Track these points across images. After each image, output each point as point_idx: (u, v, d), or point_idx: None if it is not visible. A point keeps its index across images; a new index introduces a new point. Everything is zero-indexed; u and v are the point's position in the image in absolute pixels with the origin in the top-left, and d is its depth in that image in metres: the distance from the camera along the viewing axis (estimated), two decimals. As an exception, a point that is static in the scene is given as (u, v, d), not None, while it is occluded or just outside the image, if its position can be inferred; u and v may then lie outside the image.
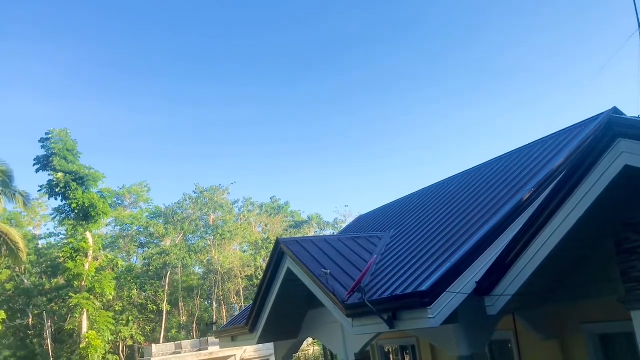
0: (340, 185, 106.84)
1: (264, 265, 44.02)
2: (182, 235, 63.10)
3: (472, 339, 7.59)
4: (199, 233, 65.62)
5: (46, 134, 41.06)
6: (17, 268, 48.76)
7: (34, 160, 40.87)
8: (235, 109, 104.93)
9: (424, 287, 7.24)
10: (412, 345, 12.69)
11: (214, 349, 39.64)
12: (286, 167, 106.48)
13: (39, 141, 41.03)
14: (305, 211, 79.77)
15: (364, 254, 10.71)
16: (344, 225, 41.15)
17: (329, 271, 9.08)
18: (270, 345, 15.65)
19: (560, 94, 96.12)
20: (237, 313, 21.39)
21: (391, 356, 14.23)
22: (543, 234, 6.77)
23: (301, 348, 29.57)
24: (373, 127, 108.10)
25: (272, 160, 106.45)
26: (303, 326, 12.61)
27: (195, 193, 66.88)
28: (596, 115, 10.81)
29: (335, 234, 36.14)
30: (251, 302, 13.67)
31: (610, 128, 5.94)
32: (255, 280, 57.17)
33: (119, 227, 64.42)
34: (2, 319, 29.43)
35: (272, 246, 13.02)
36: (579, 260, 7.59)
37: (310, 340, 36.45)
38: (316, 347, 41.36)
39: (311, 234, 66.72)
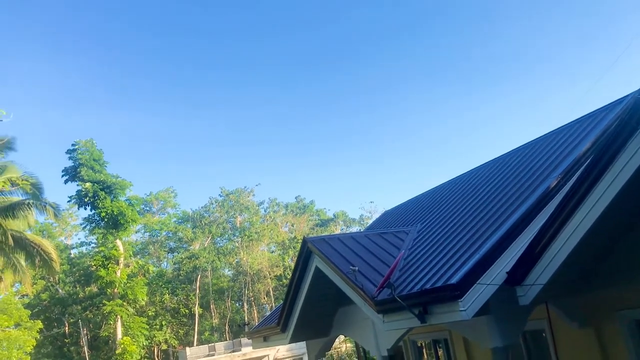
0: (365, 181, 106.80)
1: (292, 265, 44.20)
2: (210, 238, 63.64)
3: (505, 330, 7.51)
4: (227, 235, 66.15)
5: (72, 145, 41.83)
6: (52, 278, 49.78)
7: (62, 171, 41.67)
8: (256, 111, 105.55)
9: (453, 280, 7.17)
10: (445, 339, 12.60)
11: (247, 350, 39.96)
12: (309, 167, 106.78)
13: (66, 152, 41.82)
14: (330, 209, 79.81)
15: (391, 249, 10.67)
16: (370, 222, 41.09)
17: (357, 268, 9.07)
18: (303, 344, 15.71)
19: (582, 83, 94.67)
20: (268, 313, 21.51)
21: (424, 351, 14.15)
22: (572, 220, 6.66)
23: (333, 346, 29.67)
24: (396, 123, 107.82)
25: (295, 160, 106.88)
26: (334, 324, 12.61)
27: (221, 196, 67.43)
28: (622, 98, 10.57)
29: (362, 230, 36.04)
30: (281, 302, 13.72)
31: (638, 109, 5.81)
32: (284, 280, 57.42)
33: (148, 234, 65.29)
34: (39, 329, 30.06)
35: (299, 245, 13.04)
36: (612, 245, 7.45)
37: (342, 337, 36.46)
38: (348, 345, 41.38)
39: (337, 231, 66.71)
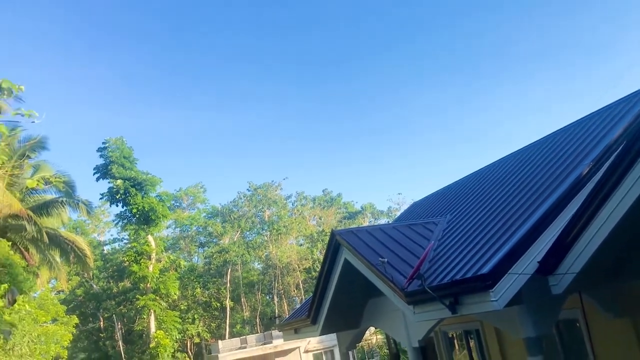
0: (393, 173, 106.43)
1: (321, 258, 44.29)
2: (239, 232, 64.20)
3: (537, 319, 7.43)
4: (256, 229, 66.63)
5: (103, 143, 42.55)
6: (86, 274, 50.80)
7: (94, 169, 42.41)
8: (284, 107, 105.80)
9: (484, 270, 7.13)
10: (477, 330, 12.52)
11: (278, 342, 40.28)
12: (336, 160, 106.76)
13: (97, 150, 42.54)
14: (358, 202, 79.71)
15: (420, 240, 10.64)
16: (398, 213, 40.90)
17: (386, 259, 9.06)
18: (333, 336, 15.79)
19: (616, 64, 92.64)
20: (298, 306, 21.63)
21: (455, 341, 14.09)
22: (605, 208, 6.54)
23: (364, 337, 29.72)
24: (424, 116, 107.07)
25: (322, 153, 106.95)
26: (364, 315, 12.63)
27: (249, 190, 67.93)
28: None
29: (390, 222, 35.94)
30: (311, 294, 13.79)
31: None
32: (313, 273, 57.66)
33: (178, 229, 66.17)
34: (75, 324, 30.66)
35: (327, 238, 13.09)
36: (646, 233, 7.31)
37: (372, 329, 36.49)
38: (379, 336, 41.37)
39: (365, 223, 66.64)
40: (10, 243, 15.67)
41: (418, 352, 10.52)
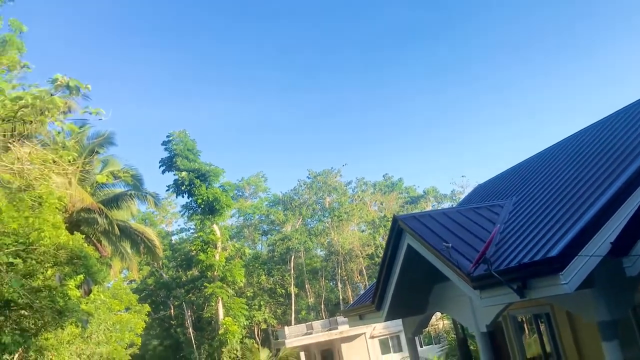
0: (456, 156, 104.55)
1: (384, 244, 44.09)
2: (301, 220, 64.78)
3: (612, 302, 7.16)
4: (317, 217, 67.03)
5: (167, 136, 43.71)
6: (156, 264, 52.60)
7: (159, 162, 43.69)
8: (338, 93, 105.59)
9: (553, 253, 6.91)
10: (547, 314, 12.19)
11: (344, 328, 40.52)
12: (396, 144, 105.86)
13: (162, 144, 43.76)
14: (420, 186, 78.81)
15: (486, 224, 10.41)
16: (462, 197, 40.15)
17: (450, 244, 8.94)
18: (399, 321, 15.74)
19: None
20: (362, 292, 21.67)
21: (525, 325, 13.77)
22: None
23: (430, 323, 29.40)
24: (485, 96, 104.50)
25: (380, 138, 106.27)
26: (430, 301, 12.52)
27: (309, 178, 68.30)
28: None
29: (454, 206, 35.34)
30: (374, 280, 13.77)
31: None
32: (376, 259, 57.56)
33: (242, 218, 67.45)
34: (147, 312, 31.84)
35: (389, 224, 13.02)
36: None
37: (439, 314, 36.17)
38: (446, 321, 40.93)
39: (428, 208, 65.87)
40: (83, 236, 16.33)
41: (486, 337, 10.36)
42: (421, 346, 40.40)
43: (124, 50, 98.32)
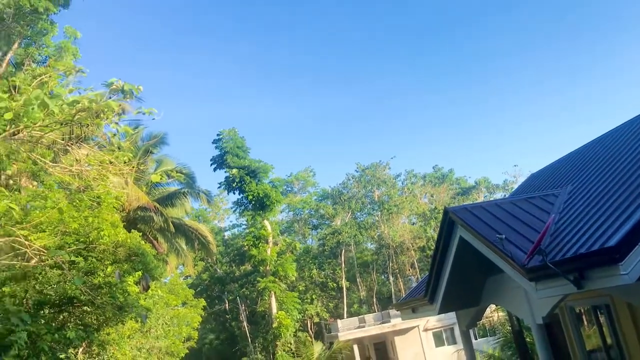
0: (507, 145, 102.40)
1: (435, 236, 43.64)
2: (350, 213, 64.79)
3: (676, 294, 6.92)
4: (366, 210, 66.91)
5: (217, 135, 44.51)
6: (210, 259, 53.71)
7: (211, 160, 44.54)
8: (384, 83, 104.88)
9: (612, 242, 6.71)
10: (606, 305, 11.83)
11: (396, 321, 40.38)
12: (445, 135, 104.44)
13: (212, 142, 44.59)
14: (471, 176, 77.55)
15: (540, 214, 10.19)
16: (515, 187, 39.30)
17: (504, 236, 8.80)
18: (453, 314, 15.59)
19: None
20: (414, 285, 21.55)
21: (583, 317, 13.41)
22: None
23: (485, 315, 28.96)
24: (538, 84, 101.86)
25: (429, 129, 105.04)
26: (484, 293, 12.35)
27: (357, 172, 68.20)
28: None
29: (506, 196, 34.65)
30: (427, 273, 13.69)
31: None
32: (428, 251, 57.05)
33: (292, 213, 68.05)
34: (203, 306, 32.57)
35: (440, 216, 12.90)
36: None
37: (493, 306, 35.62)
38: (500, 313, 40.25)
39: (480, 199, 64.77)
40: (140, 234, 16.85)
41: (542, 329, 10.16)
42: (475, 338, 39.88)
43: (173, 50, 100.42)
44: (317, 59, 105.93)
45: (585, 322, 13.34)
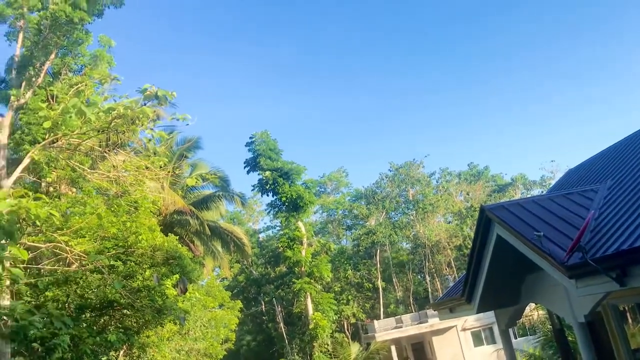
0: (544, 140, 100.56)
1: (472, 234, 43.10)
2: (384, 213, 64.49)
3: None
4: (401, 209, 66.49)
5: (250, 138, 44.86)
6: (245, 261, 54.18)
7: (244, 163, 44.93)
8: (415, 80, 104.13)
9: (655, 238, 6.53)
10: (651, 302, 11.51)
11: (434, 321, 40.01)
12: (479, 131, 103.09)
13: (245, 145, 44.96)
14: (507, 173, 76.39)
15: (579, 210, 9.97)
16: (553, 183, 38.55)
17: (542, 233, 8.63)
18: (491, 313, 15.37)
19: None
20: (451, 284, 21.33)
21: (627, 315, 13.06)
22: None
23: (524, 314, 28.50)
24: (574, 76, 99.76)
25: (463, 126, 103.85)
26: (522, 291, 12.14)
27: (390, 171, 67.84)
28: None
29: (544, 192, 34.00)
30: (464, 272, 13.52)
31: None
32: (464, 250, 56.39)
33: (325, 213, 68.08)
34: (240, 308, 32.87)
35: (476, 214, 12.74)
36: None
37: (533, 305, 34.99)
38: (540, 312, 39.54)
39: (517, 196, 63.67)
40: (177, 237, 17.10)
41: (584, 328, 9.94)
42: (515, 337, 39.26)
43: (204, 54, 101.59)
44: (347, 58, 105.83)
45: (630, 320, 12.99)
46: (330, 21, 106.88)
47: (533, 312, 40.20)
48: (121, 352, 16.75)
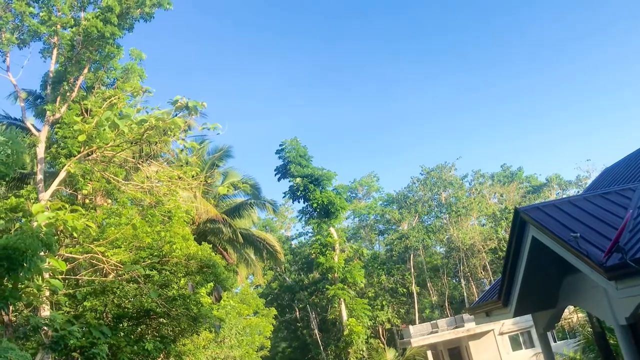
0: (579, 138, 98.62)
1: (506, 237, 42.45)
2: (417, 217, 64.00)
3: None
4: (433, 213, 65.88)
5: (280, 145, 45.10)
6: (278, 268, 54.37)
7: (275, 170, 45.17)
8: (446, 82, 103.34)
9: (698, 237, 6.33)
10: (697, 303, 11.14)
11: (470, 325, 39.53)
12: (512, 132, 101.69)
13: (275, 153, 45.22)
14: (542, 174, 75.12)
15: (617, 210, 9.73)
16: (589, 182, 37.81)
17: (578, 234, 8.44)
18: (529, 316, 15.09)
19: None
20: (487, 288, 21.04)
21: (671, 317, 12.67)
22: None
23: (563, 316, 27.92)
24: (609, 70, 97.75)
25: (495, 126, 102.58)
26: (560, 294, 11.89)
27: (422, 174, 67.37)
28: None
29: (580, 192, 33.34)
30: (499, 275, 13.32)
31: None
32: (500, 253, 55.55)
33: (357, 219, 67.85)
34: (274, 315, 32.96)
35: (511, 216, 12.55)
36: None
37: (572, 308, 34.27)
38: (580, 314, 38.69)
39: (552, 197, 62.57)
40: (210, 246, 17.27)
41: (627, 330, 9.67)
42: (554, 341, 38.52)
43: (234, 63, 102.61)
44: (377, 61, 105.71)
45: (674, 322, 12.61)
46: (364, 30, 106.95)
47: (572, 315, 39.38)
48: (158, 361, 16.95)
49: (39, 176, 14.66)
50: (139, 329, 14.80)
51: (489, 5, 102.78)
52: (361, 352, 41.50)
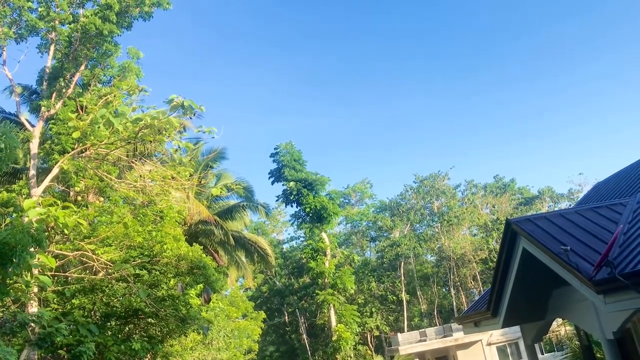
0: (572, 152, 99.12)
1: (497, 248, 42.50)
2: (409, 225, 64.09)
3: None
4: (425, 221, 66.01)
5: (275, 148, 45.07)
6: (269, 272, 54.25)
7: (268, 173, 45.11)
8: (440, 93, 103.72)
9: (687, 254, 6.37)
10: (683, 320, 11.22)
11: (459, 335, 39.58)
12: (506, 143, 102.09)
13: (270, 156, 45.17)
14: (534, 186, 75.30)
15: (607, 224, 9.78)
16: (581, 195, 37.95)
17: (569, 247, 8.48)
18: (517, 327, 15.13)
19: None
20: (476, 298, 21.07)
21: (658, 333, 12.73)
22: None
23: (551, 329, 28.03)
24: (602, 81, 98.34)
25: (489, 138, 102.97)
26: (549, 306, 11.93)
27: (415, 183, 67.49)
28: None
29: (572, 206, 33.45)
30: (489, 285, 13.35)
31: None
32: (490, 263, 55.72)
33: (349, 225, 67.88)
34: (263, 318, 32.88)
35: (502, 227, 12.58)
36: None
37: (560, 320, 34.37)
38: (568, 327, 38.80)
39: (544, 209, 62.81)
40: (201, 247, 17.21)
41: (614, 345, 9.70)
42: (542, 353, 38.61)
43: (231, 65, 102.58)
44: (375, 67, 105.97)
45: (661, 338, 12.67)
46: (351, 36, 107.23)
47: (560, 328, 39.47)
48: (145, 361, 16.86)
49: (32, 172, 14.60)
50: (127, 329, 14.73)
51: (484, 6, 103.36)
52: (349, 358, 41.41)
